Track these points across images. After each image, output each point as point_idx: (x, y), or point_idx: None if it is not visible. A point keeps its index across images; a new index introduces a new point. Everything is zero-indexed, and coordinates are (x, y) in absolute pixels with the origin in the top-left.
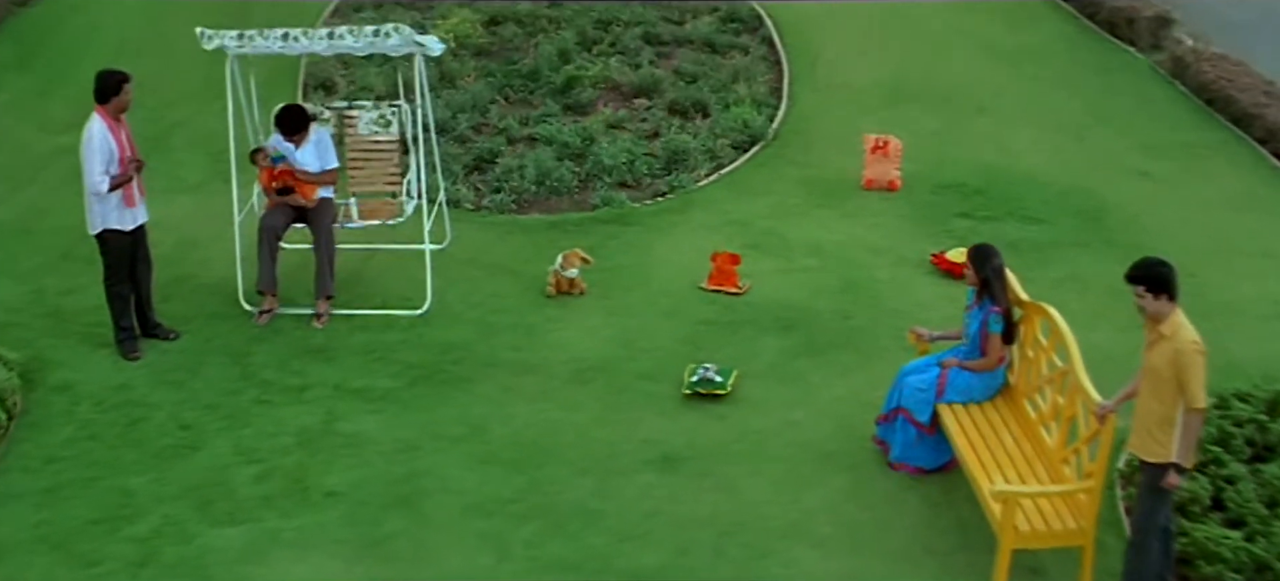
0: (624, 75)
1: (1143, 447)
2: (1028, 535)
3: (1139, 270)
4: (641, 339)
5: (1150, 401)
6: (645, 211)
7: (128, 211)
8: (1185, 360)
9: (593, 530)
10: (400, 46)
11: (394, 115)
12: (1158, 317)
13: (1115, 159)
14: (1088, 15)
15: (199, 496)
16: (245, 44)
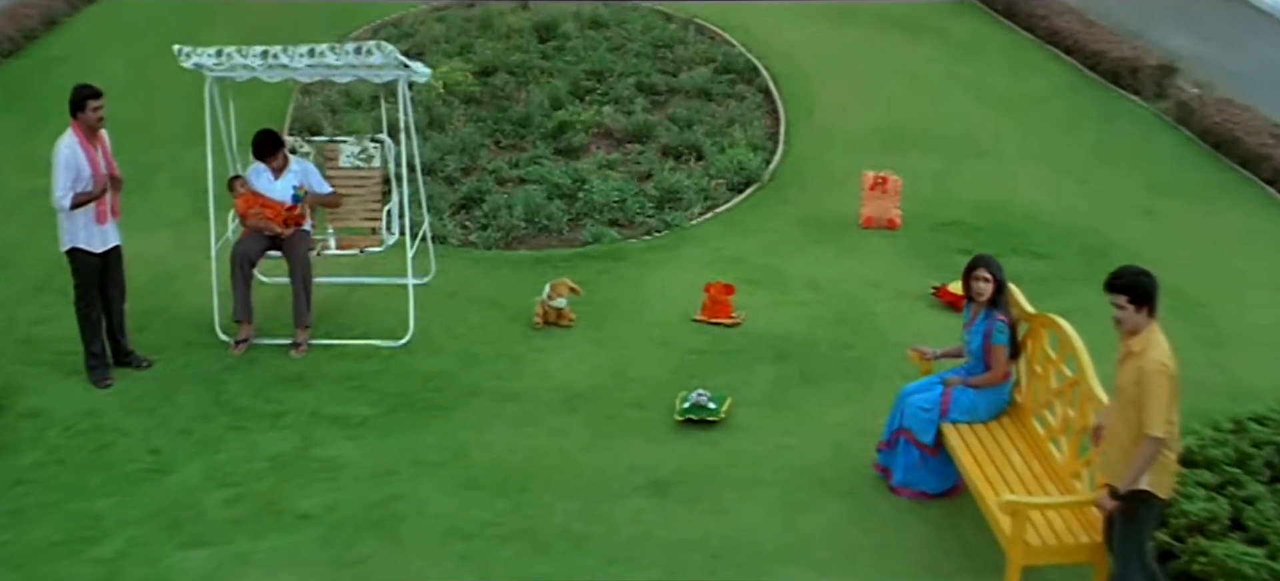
0: (617, 121)
1: (1114, 474)
2: (1038, 549)
3: (1121, 279)
4: (631, 368)
5: (1119, 423)
6: (636, 247)
7: (97, 231)
8: (1149, 380)
9: (579, 552)
10: (384, 69)
11: (377, 149)
12: (1134, 331)
13: (1120, 199)
14: (1090, 66)
15: (167, 518)
16: (223, 61)
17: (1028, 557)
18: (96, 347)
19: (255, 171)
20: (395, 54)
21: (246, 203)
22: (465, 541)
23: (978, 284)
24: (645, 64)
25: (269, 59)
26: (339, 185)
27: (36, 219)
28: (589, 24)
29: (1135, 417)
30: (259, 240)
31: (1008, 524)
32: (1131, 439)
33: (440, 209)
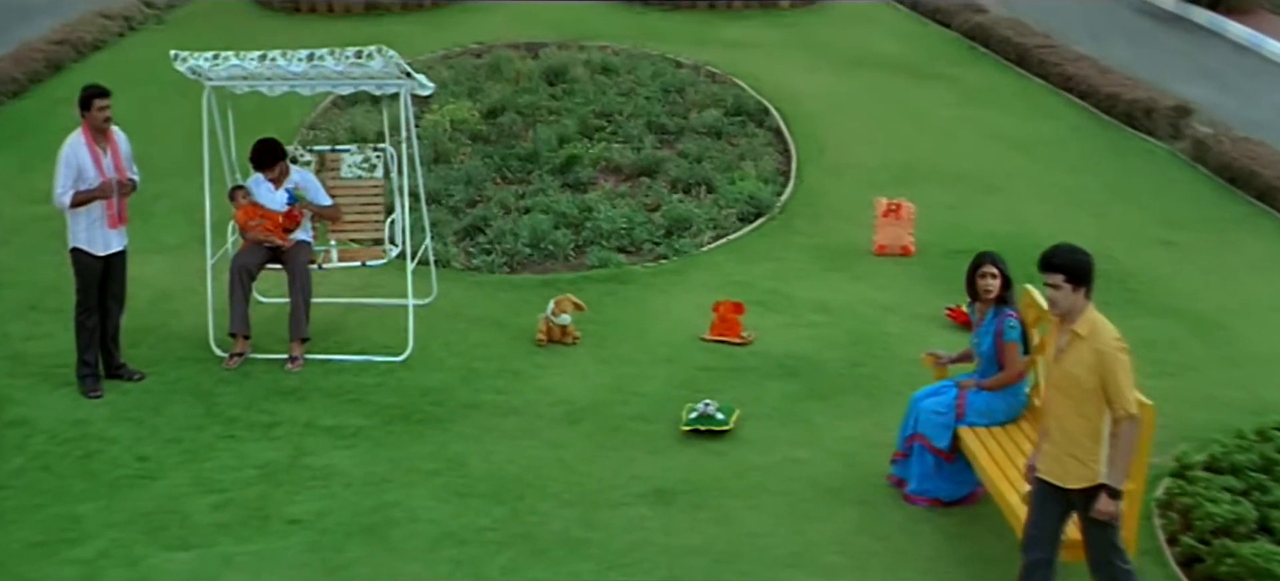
0: (625, 156)
1: (1064, 473)
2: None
3: (1057, 256)
4: (636, 384)
5: (1070, 417)
6: (643, 272)
7: (99, 233)
8: (1110, 361)
9: (577, 557)
10: (385, 78)
11: (379, 158)
12: (1071, 315)
13: (1136, 231)
14: (1104, 110)
15: (151, 522)
16: (219, 65)
17: None
18: (90, 357)
19: (255, 182)
20: (397, 60)
21: (246, 214)
22: (459, 546)
23: (985, 281)
24: (655, 106)
25: (266, 63)
26: (341, 196)
27: (33, 243)
28: (599, 70)
29: (1093, 407)
30: (259, 252)
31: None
32: (1087, 432)
33: (444, 235)
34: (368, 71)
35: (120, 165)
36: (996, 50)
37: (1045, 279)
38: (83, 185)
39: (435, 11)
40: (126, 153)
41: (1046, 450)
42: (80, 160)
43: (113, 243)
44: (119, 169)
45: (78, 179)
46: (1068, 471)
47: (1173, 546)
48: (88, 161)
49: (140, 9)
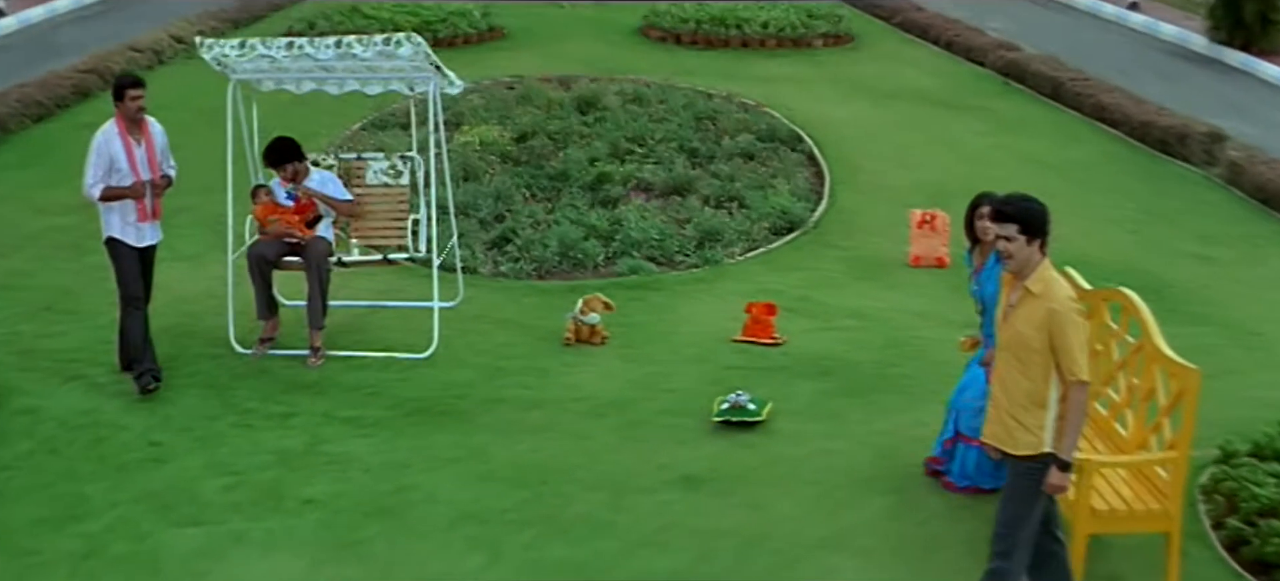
0: (656, 176)
1: (1006, 437)
2: (1106, 517)
3: (1010, 206)
4: (665, 381)
5: (1015, 378)
6: (674, 279)
7: (131, 227)
8: (1062, 320)
9: (601, 537)
10: (414, 70)
11: (406, 165)
12: (1024, 270)
13: (1171, 246)
14: (1138, 138)
15: (159, 501)
16: (247, 52)
17: (1094, 525)
18: (145, 354)
19: (278, 183)
20: (426, 49)
21: (265, 211)
22: (479, 525)
23: (983, 222)
24: (686, 131)
25: (294, 50)
26: (366, 202)
27: (49, 251)
28: (631, 100)
29: (1039, 370)
30: (276, 243)
31: (1072, 489)
32: (1031, 396)
33: (471, 244)
34: (396, 62)
35: (154, 157)
36: (1031, 85)
37: (997, 231)
38: (115, 177)
39: (466, 49)
40: (162, 145)
41: (992, 415)
42: (112, 151)
43: (146, 235)
44: (152, 161)
45: (109, 170)
46: (1012, 437)
47: (1218, 530)
48: (120, 152)
49: (170, 43)
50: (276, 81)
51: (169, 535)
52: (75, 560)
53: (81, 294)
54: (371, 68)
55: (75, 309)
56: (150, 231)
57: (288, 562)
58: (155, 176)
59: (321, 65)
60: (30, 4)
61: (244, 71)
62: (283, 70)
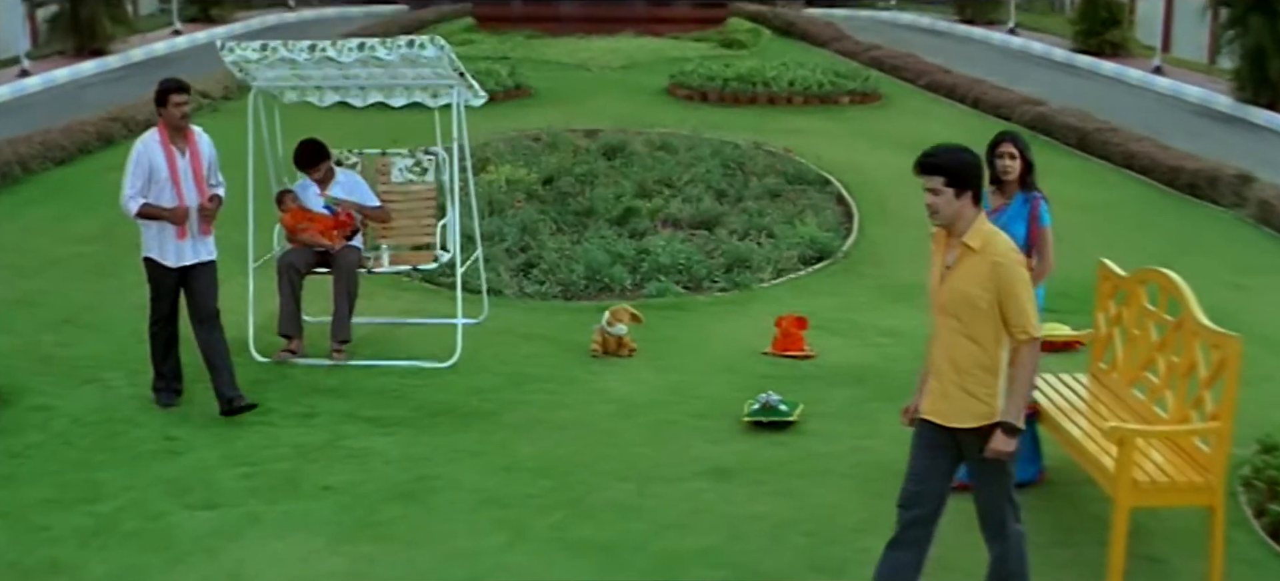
0: (684, 211)
1: (953, 411)
2: (1147, 489)
3: (937, 156)
4: (695, 387)
5: (960, 344)
6: (703, 301)
7: (171, 244)
8: (1009, 274)
9: (628, 520)
10: (438, 74)
11: (430, 162)
12: (955, 225)
13: (1205, 276)
14: (1166, 182)
15: (174, 486)
16: (268, 55)
17: (1136, 498)
18: (165, 369)
19: (302, 186)
20: (449, 51)
21: (294, 218)
22: (503, 509)
23: (1003, 161)
24: (714, 174)
25: (316, 52)
26: (390, 201)
27: (71, 274)
28: (658, 147)
29: (987, 332)
30: (307, 252)
31: (1112, 460)
32: (981, 362)
33: (497, 268)
34: (419, 69)
35: (200, 170)
36: (1057, 137)
37: (923, 184)
38: (155, 189)
39: (491, 105)
40: (209, 157)
41: (932, 387)
42: (153, 160)
43: (186, 253)
44: (198, 175)
45: (149, 181)
46: (958, 408)
47: (1260, 518)
48: (161, 162)
49: (196, 98)
50: (298, 92)
51: (182, 515)
52: (85, 535)
53: (103, 309)
54: (394, 75)
55: (95, 323)
56: (192, 249)
57: (305, 540)
58: (201, 192)
59: (344, 71)
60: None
61: (265, 79)
62: (304, 77)
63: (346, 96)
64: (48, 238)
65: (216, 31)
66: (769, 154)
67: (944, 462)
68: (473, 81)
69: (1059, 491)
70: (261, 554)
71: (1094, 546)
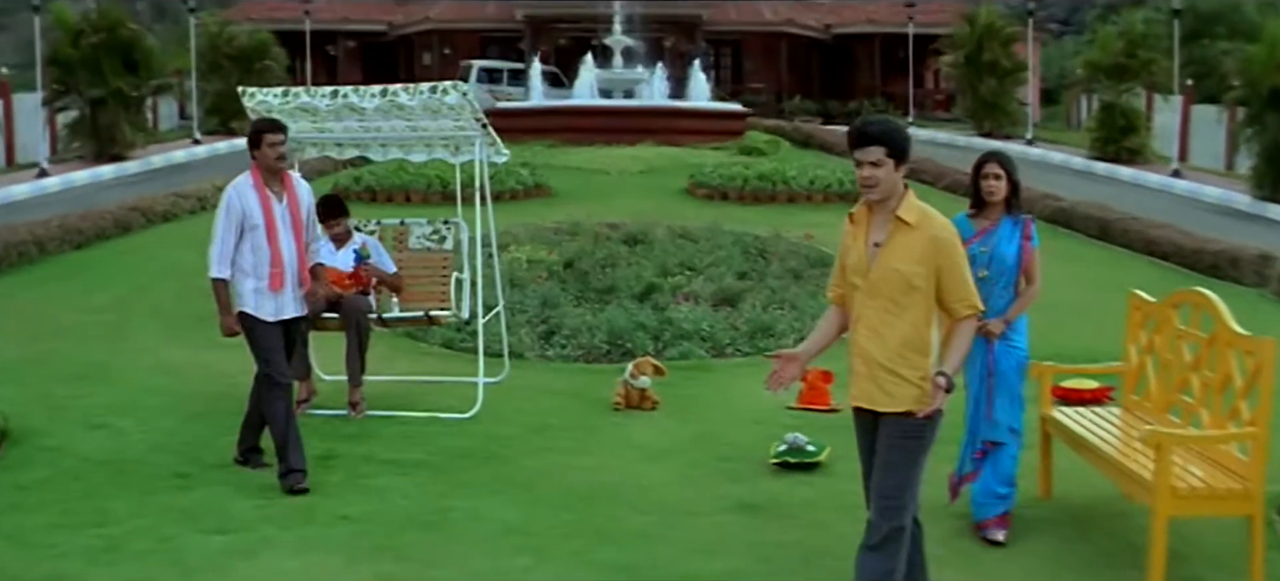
0: (706, 288)
1: (880, 395)
2: (1186, 496)
3: (873, 127)
4: (721, 435)
5: (889, 324)
6: (727, 364)
7: (267, 297)
8: (950, 248)
9: (653, 545)
10: (460, 124)
11: (449, 230)
12: (889, 196)
13: None
14: (1188, 265)
15: (186, 514)
16: (288, 101)
17: (1175, 507)
18: (283, 434)
19: None
20: (472, 99)
21: None
22: (524, 536)
23: (988, 182)
24: (735, 259)
25: (338, 99)
26: (407, 269)
27: (88, 337)
28: (678, 235)
29: (921, 311)
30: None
31: (1149, 468)
32: (913, 342)
33: (518, 332)
34: (441, 122)
35: (298, 216)
36: (1078, 228)
37: (860, 157)
38: (251, 235)
39: (512, 202)
40: (307, 205)
41: (858, 372)
42: (245, 206)
43: (286, 307)
44: (296, 221)
45: (243, 230)
46: (888, 393)
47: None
48: (256, 207)
49: (215, 192)
50: (318, 146)
51: (194, 538)
52: (92, 553)
53: (116, 367)
54: (416, 127)
55: (108, 379)
56: (292, 303)
57: (321, 559)
58: (298, 242)
59: (364, 122)
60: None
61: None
62: (324, 129)
63: (367, 152)
64: (63, 307)
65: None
66: (790, 241)
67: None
68: (495, 136)
69: (1097, 523)
70: (275, 570)
71: (1132, 569)
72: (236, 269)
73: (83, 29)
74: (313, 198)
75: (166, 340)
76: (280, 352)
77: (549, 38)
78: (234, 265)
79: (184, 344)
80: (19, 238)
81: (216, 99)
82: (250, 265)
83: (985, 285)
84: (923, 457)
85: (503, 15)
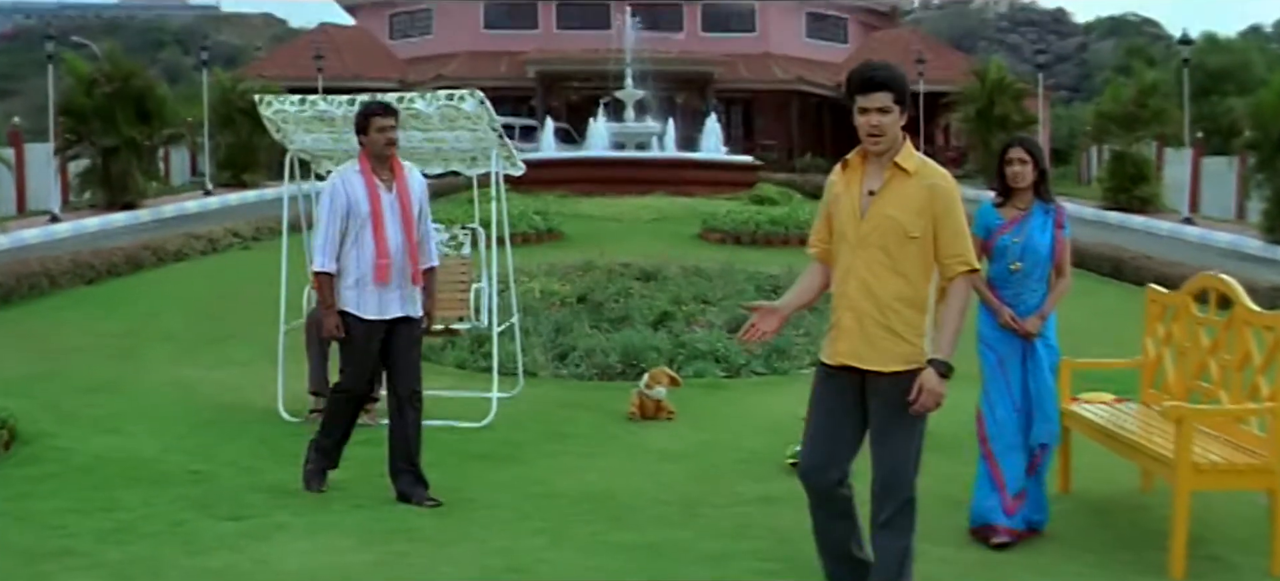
0: (720, 318)
1: (875, 355)
2: (1207, 471)
3: (883, 72)
4: (738, 441)
5: (884, 278)
6: (742, 382)
7: (372, 292)
8: (949, 197)
9: (674, 529)
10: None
11: (467, 236)
12: (893, 145)
13: None
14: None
15: (199, 502)
16: (305, 108)
17: (1196, 482)
18: (326, 442)
19: None
20: (488, 106)
21: None
22: (542, 520)
23: (1013, 168)
24: (749, 292)
25: (355, 106)
26: None
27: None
28: (692, 273)
29: (916, 265)
30: None
31: (1170, 444)
32: (908, 297)
33: (532, 351)
34: (458, 124)
35: (408, 207)
36: (1091, 268)
37: (865, 104)
38: (355, 226)
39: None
40: (419, 196)
41: (847, 328)
42: (350, 195)
43: (391, 305)
44: (406, 212)
45: (347, 220)
46: (880, 351)
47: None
48: (361, 196)
49: (228, 235)
50: (334, 159)
51: (206, 523)
52: (103, 533)
53: (126, 382)
54: (432, 138)
55: (119, 391)
56: (398, 300)
57: (333, 540)
58: (408, 234)
59: None
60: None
61: (301, 141)
62: (339, 138)
63: None
64: (74, 331)
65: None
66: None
67: (854, 421)
68: (512, 149)
69: (1117, 512)
70: (287, 550)
71: (1154, 551)
72: (341, 268)
73: (96, 78)
74: (425, 189)
75: (177, 360)
76: (370, 365)
77: (560, 94)
78: (337, 260)
79: (195, 363)
80: (30, 269)
81: (229, 151)
82: (353, 259)
83: (1018, 278)
84: (922, 424)
85: (515, 72)
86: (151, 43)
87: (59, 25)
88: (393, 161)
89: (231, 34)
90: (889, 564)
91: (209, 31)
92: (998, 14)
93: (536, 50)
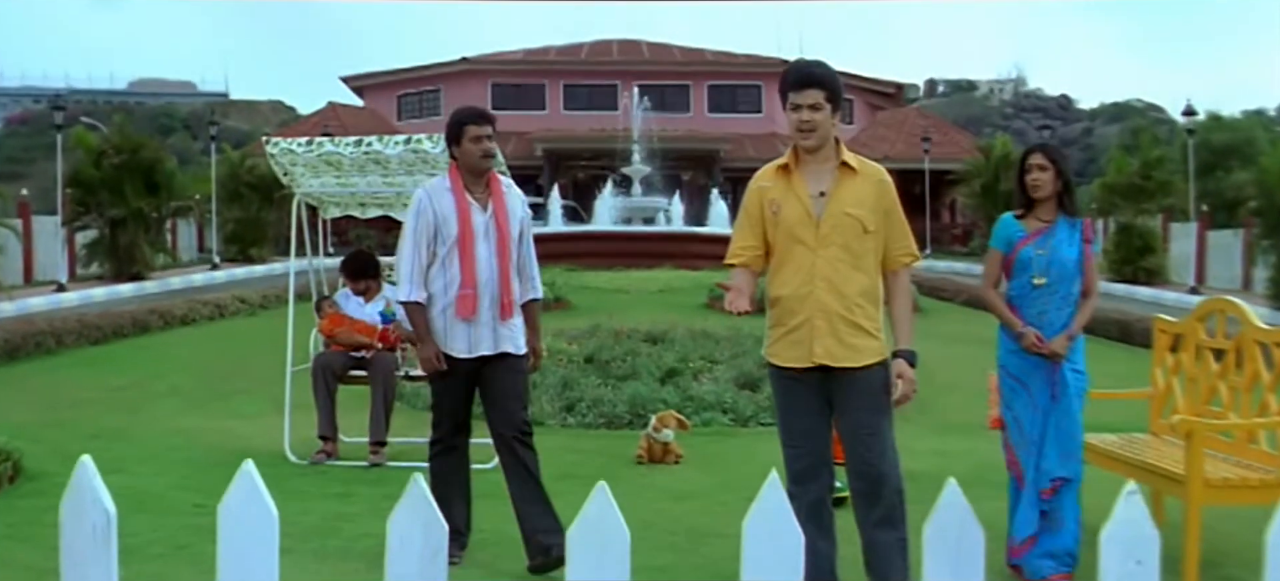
0: (729, 373)
1: (848, 352)
2: (1218, 486)
3: (816, 68)
4: (747, 483)
5: (846, 275)
6: (751, 432)
7: (459, 326)
8: (892, 191)
9: (687, 555)
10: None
11: None
12: (824, 144)
13: None
14: None
15: (204, 530)
16: (313, 149)
17: (1208, 497)
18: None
19: (343, 296)
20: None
21: (332, 324)
22: None
23: (1032, 174)
24: (757, 352)
25: (362, 147)
26: None
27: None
28: (699, 334)
29: (871, 259)
30: (342, 355)
31: (1182, 457)
32: (866, 293)
33: (539, 400)
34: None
35: (505, 226)
36: (1099, 332)
37: (797, 100)
38: (443, 247)
39: None
40: (520, 217)
41: (818, 329)
42: (438, 210)
43: (482, 341)
44: (502, 234)
45: (434, 239)
46: (851, 347)
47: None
48: (451, 212)
49: (235, 301)
50: (340, 205)
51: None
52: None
53: (133, 431)
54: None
55: (127, 439)
56: (489, 334)
57: (341, 565)
58: (504, 260)
59: (388, 175)
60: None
61: (309, 185)
62: (346, 183)
63: (391, 211)
64: (80, 385)
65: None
66: None
67: (826, 420)
68: None
69: None
70: (295, 573)
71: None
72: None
73: (105, 150)
74: (527, 210)
75: (183, 412)
76: (462, 407)
77: (567, 173)
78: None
79: (201, 414)
80: (36, 329)
81: (237, 226)
82: (439, 287)
83: (1042, 294)
84: (892, 407)
85: (522, 150)
86: (160, 128)
87: (70, 110)
88: (491, 178)
89: (240, 119)
90: (893, 557)
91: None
92: (1003, 100)
93: (543, 130)
